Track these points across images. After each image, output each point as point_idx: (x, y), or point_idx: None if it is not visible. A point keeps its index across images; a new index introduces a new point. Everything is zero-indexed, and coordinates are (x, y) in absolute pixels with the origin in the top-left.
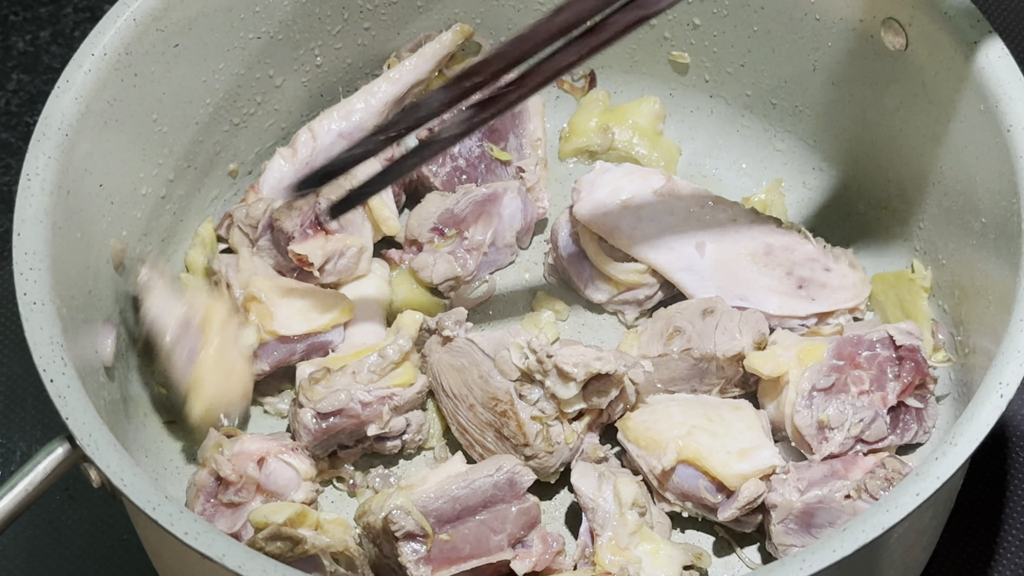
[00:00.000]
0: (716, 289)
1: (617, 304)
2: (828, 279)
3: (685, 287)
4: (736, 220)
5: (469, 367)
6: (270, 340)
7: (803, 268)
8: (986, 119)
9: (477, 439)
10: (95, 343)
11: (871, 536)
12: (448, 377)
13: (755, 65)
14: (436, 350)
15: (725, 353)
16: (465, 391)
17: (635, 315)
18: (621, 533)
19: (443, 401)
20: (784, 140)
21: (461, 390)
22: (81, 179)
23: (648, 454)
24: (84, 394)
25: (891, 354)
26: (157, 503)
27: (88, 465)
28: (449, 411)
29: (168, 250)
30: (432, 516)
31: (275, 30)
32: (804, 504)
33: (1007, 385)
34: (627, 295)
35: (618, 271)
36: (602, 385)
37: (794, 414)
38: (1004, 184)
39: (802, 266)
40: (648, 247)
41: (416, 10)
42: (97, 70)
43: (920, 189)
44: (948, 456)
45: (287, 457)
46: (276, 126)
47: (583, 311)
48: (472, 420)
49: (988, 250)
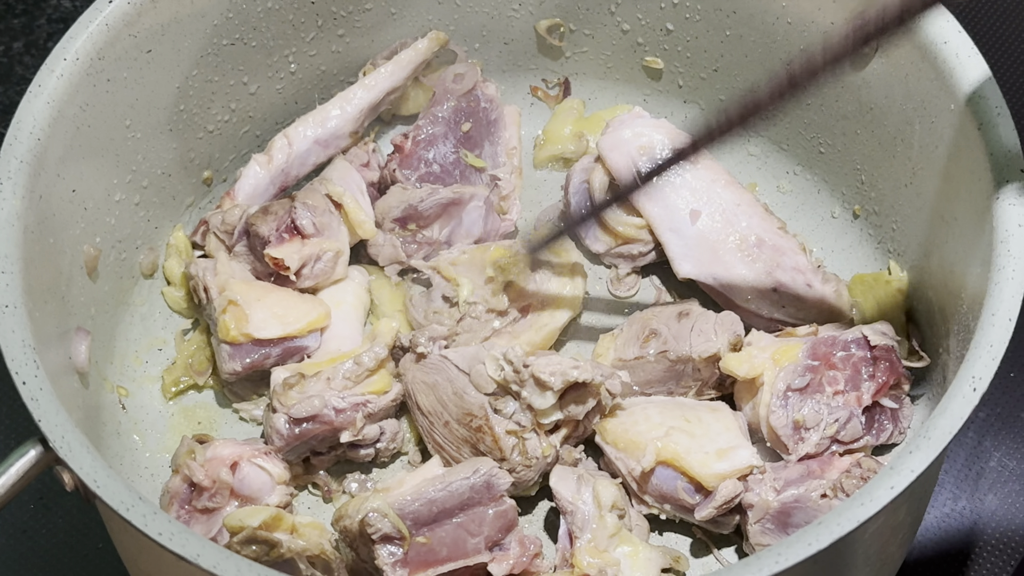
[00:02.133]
0: (695, 261)
1: (613, 257)
2: (806, 294)
3: (668, 248)
4: (740, 205)
5: (443, 383)
6: (245, 342)
7: (785, 274)
8: (957, 118)
9: (454, 456)
10: (68, 348)
11: (846, 530)
12: (422, 395)
13: (728, 70)
14: (410, 368)
15: (701, 354)
16: (439, 408)
17: (627, 270)
18: (600, 536)
19: (418, 419)
20: (758, 144)
21: (435, 407)
22: (53, 184)
23: (627, 456)
24: (56, 396)
25: (866, 354)
26: (131, 504)
27: (61, 468)
28: (424, 429)
29: (142, 257)
30: (409, 519)
31: (249, 37)
32: (781, 504)
33: (979, 379)
34: (623, 248)
35: (618, 221)
36: (579, 395)
37: (769, 415)
38: (976, 183)
39: (785, 272)
40: (646, 196)
41: (390, 17)
42: (69, 75)
43: (893, 190)
44: (922, 450)
45: (260, 461)
46: (251, 133)
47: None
48: (448, 437)
49: (962, 250)
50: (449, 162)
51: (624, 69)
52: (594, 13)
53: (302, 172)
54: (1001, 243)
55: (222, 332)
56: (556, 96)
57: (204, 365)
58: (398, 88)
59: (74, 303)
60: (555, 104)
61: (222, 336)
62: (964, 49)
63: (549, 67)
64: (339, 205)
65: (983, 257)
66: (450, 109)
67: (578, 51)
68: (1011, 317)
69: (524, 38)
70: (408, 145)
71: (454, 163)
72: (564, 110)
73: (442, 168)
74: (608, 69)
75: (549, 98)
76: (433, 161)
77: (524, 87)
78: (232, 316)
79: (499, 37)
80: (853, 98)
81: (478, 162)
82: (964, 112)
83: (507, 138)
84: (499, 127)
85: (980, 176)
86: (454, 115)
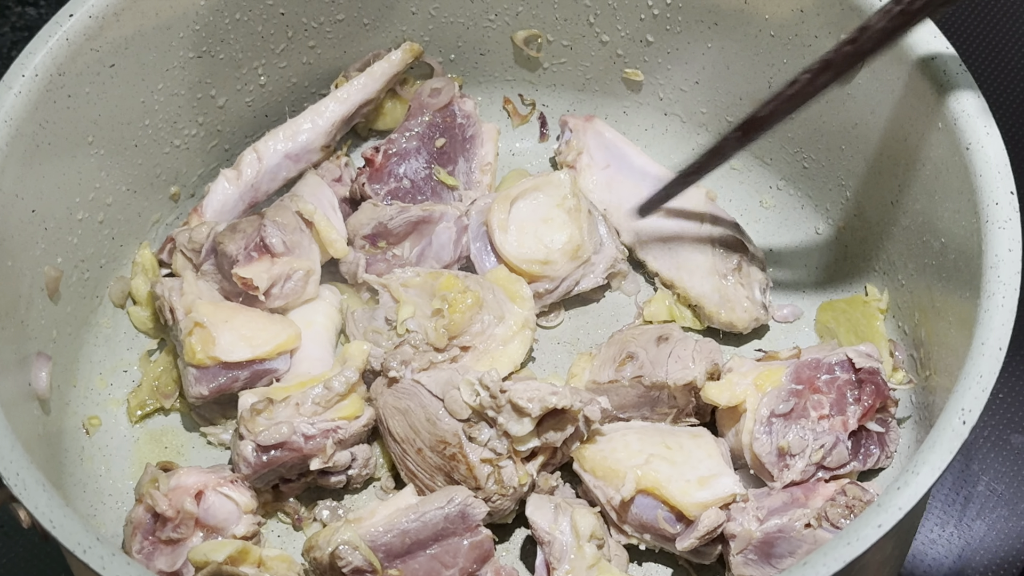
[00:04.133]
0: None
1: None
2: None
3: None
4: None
5: (415, 409)
6: (212, 365)
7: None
8: (944, 137)
9: (427, 484)
10: (28, 375)
11: (832, 570)
12: (393, 420)
13: (710, 82)
14: (382, 392)
15: (676, 382)
16: (412, 434)
17: (544, 306)
18: (578, 566)
19: (390, 445)
20: (740, 159)
21: (408, 433)
22: (11, 204)
23: (606, 484)
24: (11, 431)
25: (851, 377)
26: (88, 545)
27: (17, 505)
28: (397, 456)
29: (107, 276)
30: (381, 551)
31: (216, 49)
32: (764, 534)
33: (969, 411)
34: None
35: (521, 260)
36: (557, 421)
37: (753, 442)
38: (963, 203)
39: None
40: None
41: (363, 28)
42: (28, 92)
43: (879, 209)
44: (910, 486)
45: (226, 490)
46: (219, 147)
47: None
48: (421, 464)
49: (948, 270)
50: (420, 178)
51: (603, 81)
52: (572, 24)
53: (272, 187)
54: (991, 268)
55: (188, 355)
56: (525, 116)
57: (171, 387)
58: (371, 100)
59: (34, 327)
60: (520, 123)
61: (188, 359)
62: (953, 66)
63: (527, 79)
64: (310, 223)
65: (972, 282)
66: (424, 124)
67: (556, 62)
68: (1001, 347)
69: (500, 49)
70: (379, 159)
71: (425, 179)
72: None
73: (413, 184)
74: (587, 81)
75: (516, 115)
76: (404, 176)
77: (500, 99)
78: (199, 338)
79: (475, 48)
80: (838, 113)
81: (450, 180)
82: (952, 131)
83: (483, 155)
84: (475, 144)
85: (968, 197)
86: (428, 130)
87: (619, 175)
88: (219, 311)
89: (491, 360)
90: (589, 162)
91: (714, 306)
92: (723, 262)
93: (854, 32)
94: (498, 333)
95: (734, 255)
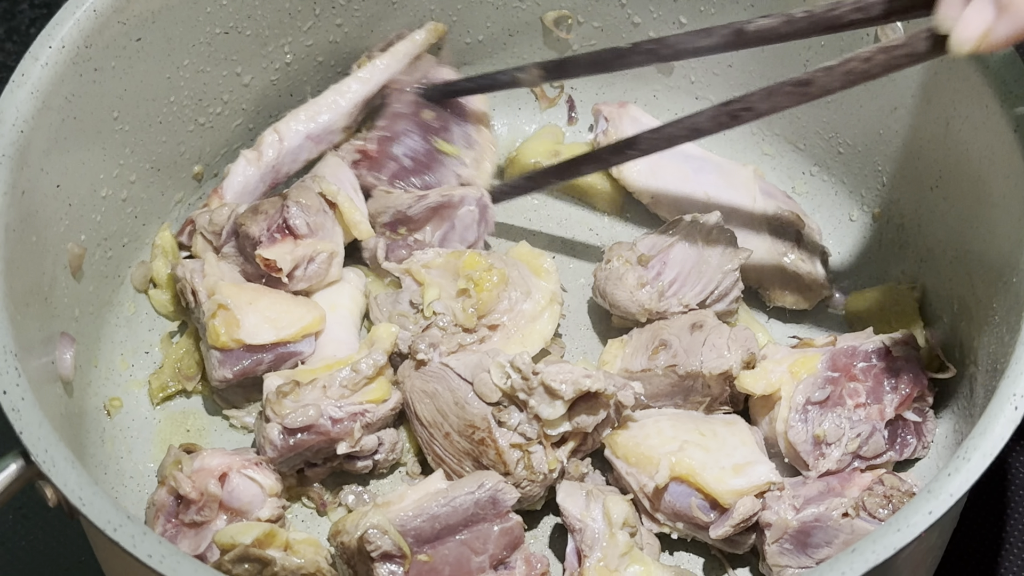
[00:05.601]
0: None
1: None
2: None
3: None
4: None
5: (443, 392)
6: (236, 348)
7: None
8: (992, 120)
9: (455, 469)
10: (52, 354)
11: (882, 557)
12: (421, 404)
13: (743, 66)
14: (410, 375)
15: (712, 371)
16: (440, 418)
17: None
18: (611, 554)
19: (417, 430)
20: (772, 144)
21: (435, 417)
22: (37, 179)
23: (639, 471)
24: (39, 407)
25: (888, 365)
26: (119, 524)
27: (44, 483)
28: (424, 440)
29: (129, 256)
30: (410, 535)
31: (243, 25)
32: (800, 522)
33: (1022, 397)
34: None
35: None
36: (590, 406)
37: (788, 429)
38: (1010, 187)
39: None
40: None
41: (391, 6)
42: (54, 64)
43: (917, 195)
44: (961, 472)
45: (251, 472)
46: (243, 127)
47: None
48: (449, 449)
49: (992, 257)
50: (421, 153)
51: None
52: (604, 5)
53: (293, 169)
54: None
55: (212, 337)
56: (553, 99)
57: (193, 370)
58: (394, 81)
59: (58, 305)
60: (549, 106)
61: (212, 342)
62: None
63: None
64: (333, 204)
65: (1019, 267)
66: (408, 102)
67: (586, 44)
68: None
69: (529, 30)
70: (373, 148)
71: (427, 153)
72: (545, 133)
73: (414, 160)
74: None
75: (544, 98)
76: (403, 156)
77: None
78: (222, 321)
79: (504, 28)
80: (877, 97)
81: (450, 148)
82: (999, 113)
83: (472, 111)
84: (462, 105)
85: (1016, 181)
86: (414, 106)
87: (662, 160)
88: (243, 293)
89: (521, 338)
90: None
91: (779, 288)
92: (781, 241)
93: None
94: (526, 309)
95: (791, 231)
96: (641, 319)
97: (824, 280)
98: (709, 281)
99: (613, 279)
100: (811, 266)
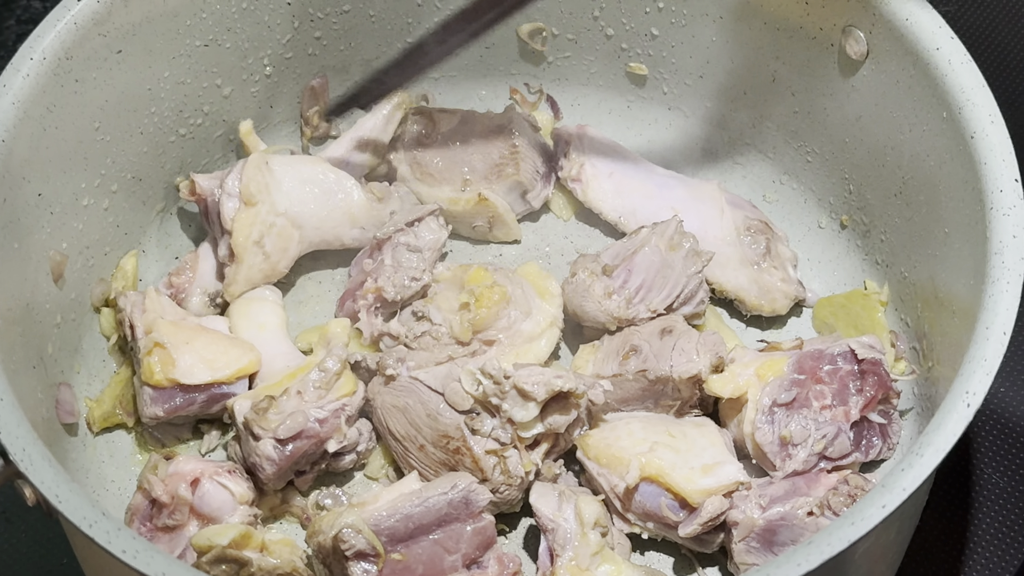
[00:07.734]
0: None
1: None
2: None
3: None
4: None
5: (414, 406)
6: (169, 387)
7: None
8: (949, 126)
9: (432, 479)
10: (33, 358)
11: (836, 550)
12: (393, 419)
13: (714, 76)
14: (380, 391)
15: (681, 375)
16: (413, 431)
17: None
18: (582, 554)
19: (392, 444)
20: (744, 153)
21: (408, 431)
22: (18, 187)
23: (610, 472)
24: (19, 407)
25: (853, 368)
26: (94, 520)
27: (22, 482)
28: (399, 454)
29: (110, 265)
30: (384, 535)
31: (223, 38)
32: (766, 521)
33: (973, 395)
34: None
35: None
36: (561, 406)
37: (755, 431)
38: (967, 192)
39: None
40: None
41: (369, 20)
42: (36, 75)
43: (882, 201)
44: (914, 467)
45: (222, 479)
46: (224, 138)
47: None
48: (424, 461)
49: (952, 259)
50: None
51: (607, 75)
52: (577, 17)
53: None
54: (995, 255)
55: (146, 375)
56: (534, 103)
57: (131, 406)
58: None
59: (39, 311)
60: (531, 110)
61: (146, 379)
62: (957, 56)
63: (531, 72)
64: None
65: (976, 269)
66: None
67: (560, 56)
68: (1006, 331)
69: (505, 43)
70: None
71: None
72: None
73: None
74: (591, 75)
75: (526, 103)
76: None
77: (505, 92)
78: (158, 359)
79: (479, 41)
80: (842, 106)
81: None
82: (956, 120)
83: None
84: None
85: (973, 186)
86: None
87: (624, 179)
88: (180, 332)
89: (516, 357)
90: (594, 172)
91: (755, 297)
92: (752, 249)
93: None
94: (525, 329)
95: (761, 238)
96: (611, 328)
97: (794, 286)
98: (675, 285)
99: (580, 291)
100: (782, 272)
